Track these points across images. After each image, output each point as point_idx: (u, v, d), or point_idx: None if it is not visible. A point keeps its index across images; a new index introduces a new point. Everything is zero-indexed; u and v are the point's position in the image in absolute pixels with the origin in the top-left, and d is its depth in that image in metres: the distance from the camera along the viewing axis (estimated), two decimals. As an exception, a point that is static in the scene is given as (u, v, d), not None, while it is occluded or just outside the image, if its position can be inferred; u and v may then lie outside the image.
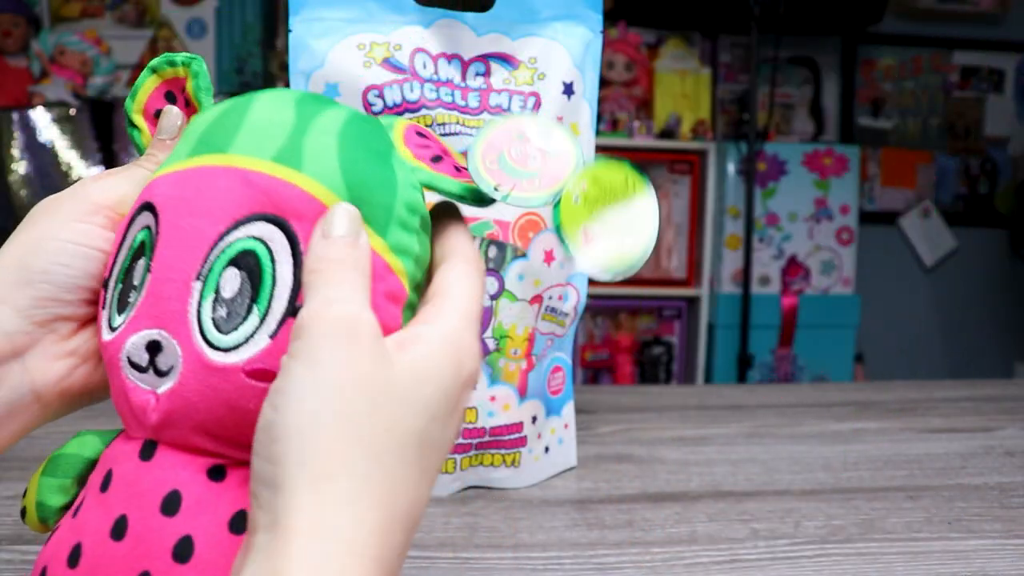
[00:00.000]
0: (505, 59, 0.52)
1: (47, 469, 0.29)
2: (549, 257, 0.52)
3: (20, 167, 2.04)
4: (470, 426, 0.52)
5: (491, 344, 0.51)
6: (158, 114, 0.31)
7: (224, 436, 0.26)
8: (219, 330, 0.25)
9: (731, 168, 2.10)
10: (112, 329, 0.27)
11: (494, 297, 0.51)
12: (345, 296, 0.23)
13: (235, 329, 0.25)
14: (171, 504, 0.25)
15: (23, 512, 0.30)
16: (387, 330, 0.25)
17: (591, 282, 0.56)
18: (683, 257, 2.24)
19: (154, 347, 0.26)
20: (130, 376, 0.26)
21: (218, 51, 2.19)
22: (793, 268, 2.13)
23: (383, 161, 0.27)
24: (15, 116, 2.03)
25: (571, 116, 0.53)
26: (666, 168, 2.22)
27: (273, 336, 0.25)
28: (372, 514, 0.22)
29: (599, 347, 2.28)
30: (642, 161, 2.20)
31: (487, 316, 0.50)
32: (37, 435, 0.64)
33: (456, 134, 0.49)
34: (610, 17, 2.14)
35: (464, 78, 0.51)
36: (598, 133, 0.73)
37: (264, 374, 0.25)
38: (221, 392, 0.25)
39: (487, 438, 0.52)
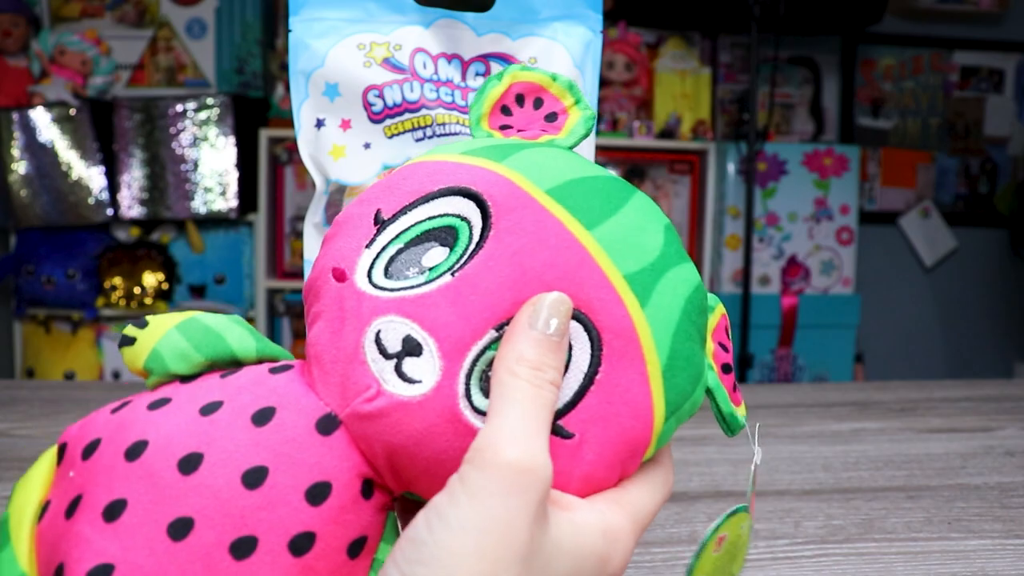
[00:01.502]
0: (505, 59, 0.52)
1: (185, 329, 0.27)
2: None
3: (20, 167, 2.04)
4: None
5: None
6: (504, 110, 0.30)
7: (401, 467, 0.24)
8: (482, 391, 0.24)
9: (731, 168, 2.10)
10: (372, 283, 0.25)
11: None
12: (531, 432, 0.23)
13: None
14: (319, 493, 0.23)
15: (129, 341, 0.27)
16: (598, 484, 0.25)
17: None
18: (683, 257, 2.24)
19: (412, 348, 0.24)
20: (368, 349, 0.24)
21: (218, 51, 2.19)
22: (793, 268, 2.13)
23: (701, 349, 0.27)
24: (15, 116, 2.03)
25: (571, 116, 0.53)
26: (666, 168, 2.22)
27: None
28: None
29: (599, 347, 2.28)
30: (642, 161, 2.21)
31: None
32: (37, 436, 0.64)
33: (456, 134, 0.49)
34: (610, 17, 2.14)
35: (464, 78, 0.51)
36: (598, 133, 0.73)
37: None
38: (441, 438, 0.24)
39: None
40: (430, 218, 0.26)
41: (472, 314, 0.24)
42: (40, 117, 2.04)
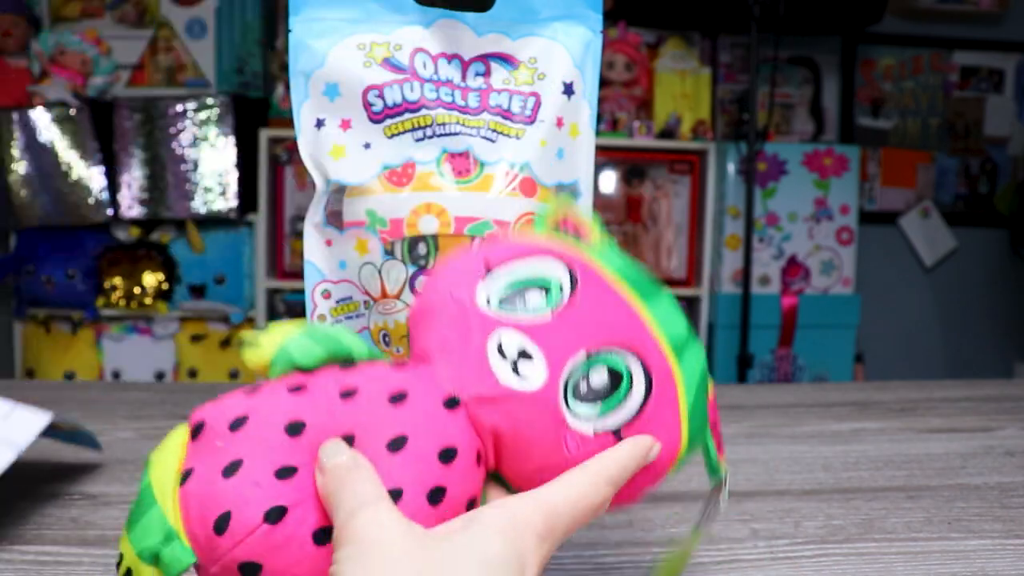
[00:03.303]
0: (505, 59, 0.52)
1: (308, 332, 0.31)
2: (549, 257, 0.52)
3: (20, 167, 2.04)
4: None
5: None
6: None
7: (504, 447, 0.31)
8: (575, 397, 0.31)
9: (731, 168, 2.10)
10: (490, 303, 0.32)
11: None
12: (363, 498, 0.26)
13: (580, 407, 0.31)
14: (448, 455, 0.29)
15: (255, 343, 0.31)
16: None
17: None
18: (683, 257, 2.24)
19: (525, 354, 0.31)
20: (491, 352, 0.31)
21: (218, 51, 2.19)
22: (793, 268, 2.13)
23: (704, 415, 0.34)
24: (15, 116, 2.03)
25: (571, 116, 0.53)
26: (666, 168, 2.21)
27: (595, 434, 0.31)
28: None
29: (599, 347, 2.27)
30: (642, 161, 2.20)
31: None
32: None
33: (456, 134, 0.49)
34: (610, 17, 2.14)
35: (464, 78, 0.51)
36: (598, 133, 0.73)
37: (570, 446, 0.31)
38: (536, 429, 0.30)
39: None
40: (530, 273, 0.33)
41: (570, 339, 0.31)
42: (40, 117, 2.03)
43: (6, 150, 2.03)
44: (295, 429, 0.28)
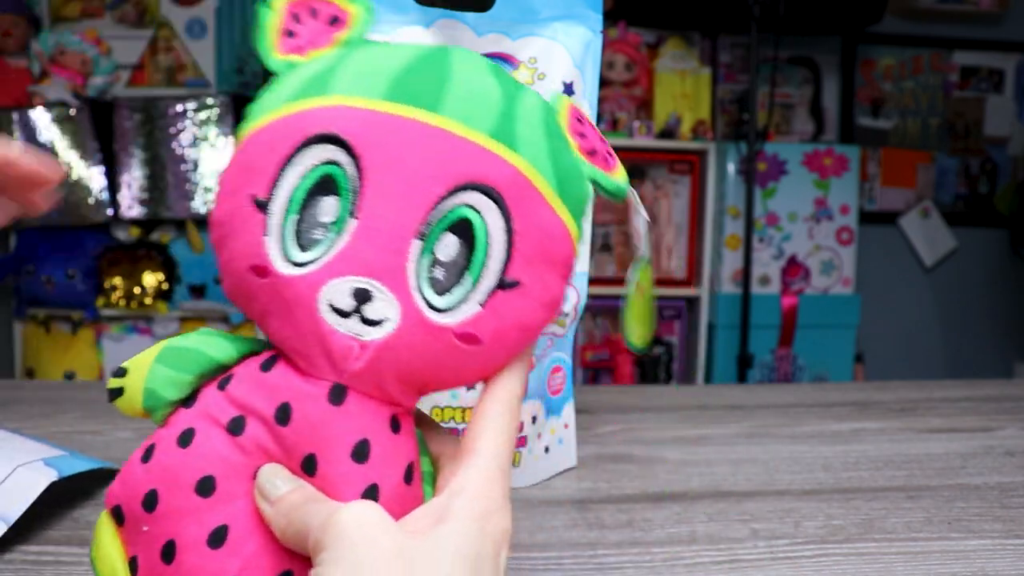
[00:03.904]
0: (505, 59, 0.52)
1: (165, 358, 0.29)
2: (549, 257, 0.52)
3: (20, 167, 2.04)
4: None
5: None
6: (294, 16, 0.31)
7: (415, 386, 0.28)
8: (434, 290, 0.27)
9: (731, 168, 2.10)
10: (296, 264, 0.27)
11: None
12: (327, 509, 0.25)
13: (449, 292, 0.27)
14: (362, 452, 0.27)
15: (117, 393, 0.29)
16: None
17: (591, 282, 0.56)
18: (683, 257, 2.24)
19: (363, 296, 0.26)
20: (330, 321, 0.26)
21: (218, 51, 2.19)
22: (793, 268, 2.13)
23: (570, 151, 0.29)
24: (15, 116, 2.03)
25: (571, 116, 0.53)
26: (666, 168, 2.21)
27: (483, 305, 0.27)
28: None
29: (599, 347, 2.28)
30: (642, 161, 2.21)
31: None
32: (37, 436, 0.64)
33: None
34: (610, 17, 2.14)
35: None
36: (598, 133, 0.73)
37: (471, 339, 0.27)
38: (430, 349, 0.27)
39: None
40: (304, 177, 0.27)
41: (392, 239, 0.26)
42: (40, 117, 2.03)
43: (6, 150, 2.03)
44: (206, 488, 0.27)
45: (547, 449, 0.55)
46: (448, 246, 0.27)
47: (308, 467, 0.27)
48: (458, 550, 0.25)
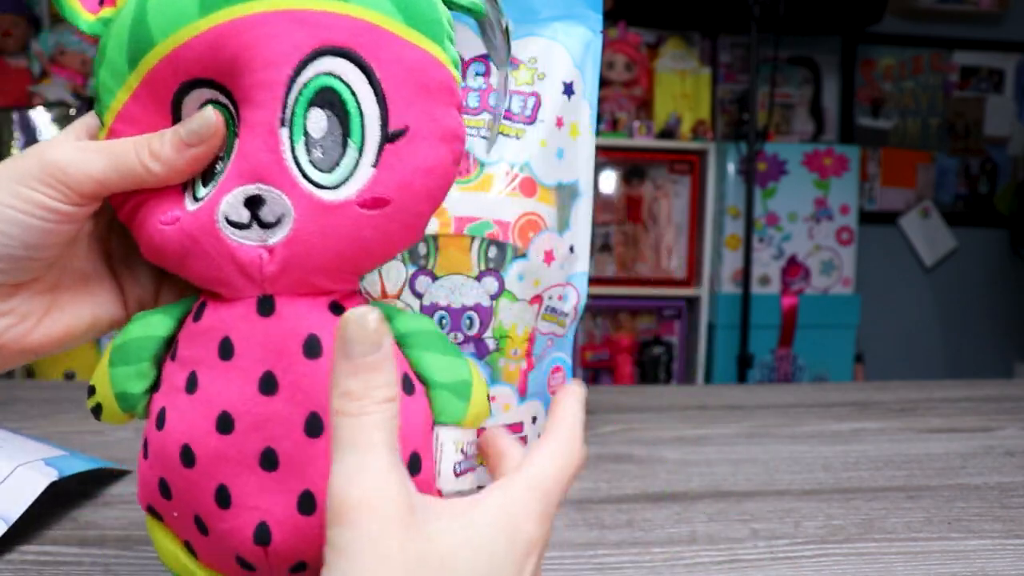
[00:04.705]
0: (505, 59, 0.52)
1: (117, 359, 0.29)
2: (549, 257, 0.52)
3: (20, 167, 2.04)
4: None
5: (491, 344, 0.51)
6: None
7: (343, 269, 0.27)
8: (320, 170, 0.26)
9: (731, 168, 2.10)
10: (197, 199, 0.27)
11: (494, 297, 0.51)
12: (371, 464, 0.23)
13: (336, 166, 0.26)
14: (313, 347, 0.26)
15: (98, 410, 0.30)
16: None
17: (591, 282, 0.56)
18: (683, 257, 2.24)
19: (253, 201, 0.26)
20: (232, 236, 0.26)
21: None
22: (793, 268, 2.13)
23: (436, 13, 0.28)
24: (15, 116, 2.03)
25: (571, 116, 0.53)
26: (666, 168, 2.21)
27: (376, 164, 0.26)
28: None
29: (599, 347, 2.28)
30: (642, 161, 2.20)
31: (487, 316, 0.50)
32: (37, 436, 0.64)
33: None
34: (610, 17, 2.14)
35: (464, 78, 0.51)
36: (598, 133, 0.73)
37: (377, 202, 0.26)
38: (339, 228, 0.26)
39: None
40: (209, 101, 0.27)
41: (263, 136, 0.26)
42: (40, 117, 2.03)
43: (6, 150, 2.03)
44: (188, 459, 0.27)
45: (547, 449, 0.55)
46: (317, 120, 0.26)
47: (267, 387, 0.26)
48: (479, 550, 0.24)
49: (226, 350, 0.27)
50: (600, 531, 0.47)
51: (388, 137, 0.26)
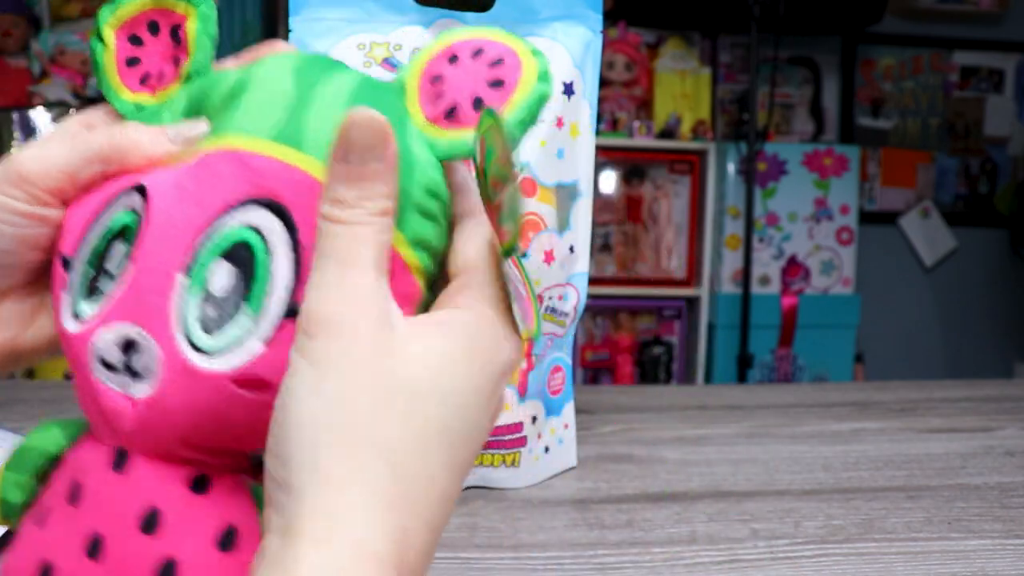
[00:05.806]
0: (505, 59, 0.52)
1: (12, 463, 0.26)
2: (549, 257, 0.52)
3: (20, 167, 2.04)
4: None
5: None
6: (133, 39, 0.28)
7: (206, 446, 0.23)
8: (206, 331, 0.23)
9: (731, 168, 2.10)
10: (78, 319, 0.25)
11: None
12: (354, 279, 0.22)
13: (221, 331, 0.23)
14: (150, 522, 0.23)
15: None
16: None
17: (591, 282, 0.56)
18: (683, 257, 2.24)
19: (129, 346, 0.23)
20: (101, 377, 0.24)
21: (218, 51, 2.19)
22: (793, 268, 2.13)
23: (396, 137, 0.24)
24: (15, 116, 2.03)
25: (571, 116, 0.53)
26: (666, 168, 2.21)
27: (267, 342, 0.22)
28: (389, 515, 0.20)
29: (599, 347, 2.28)
30: (642, 161, 2.21)
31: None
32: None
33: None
34: (610, 17, 2.14)
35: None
36: (598, 133, 0.73)
37: (257, 383, 0.22)
38: (205, 401, 0.23)
39: (487, 438, 0.52)
40: (106, 228, 0.25)
41: (157, 277, 0.23)
42: (40, 117, 2.03)
43: (6, 150, 2.03)
44: None
45: (547, 449, 0.55)
46: (220, 276, 0.23)
47: (93, 551, 0.23)
48: (450, 361, 0.22)
49: (74, 495, 0.24)
50: (600, 531, 0.47)
51: (292, 311, 0.22)
